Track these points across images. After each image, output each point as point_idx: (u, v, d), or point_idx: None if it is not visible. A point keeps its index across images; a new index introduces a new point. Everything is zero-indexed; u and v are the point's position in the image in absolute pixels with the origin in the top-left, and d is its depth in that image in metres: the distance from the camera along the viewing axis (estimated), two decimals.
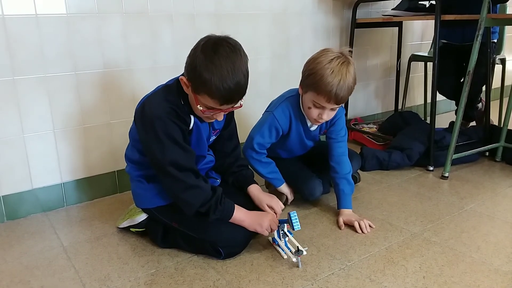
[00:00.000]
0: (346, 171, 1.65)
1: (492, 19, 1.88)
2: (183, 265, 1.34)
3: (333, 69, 1.41)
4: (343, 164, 1.65)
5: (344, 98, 1.44)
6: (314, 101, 1.48)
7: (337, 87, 1.40)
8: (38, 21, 1.60)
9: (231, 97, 1.21)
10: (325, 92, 1.42)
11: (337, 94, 1.41)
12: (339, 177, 1.63)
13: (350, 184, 1.64)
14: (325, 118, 1.50)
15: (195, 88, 1.21)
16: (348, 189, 1.63)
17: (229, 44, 1.20)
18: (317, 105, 1.48)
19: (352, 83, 1.44)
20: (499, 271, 1.26)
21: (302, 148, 1.76)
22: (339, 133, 1.66)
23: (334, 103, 1.45)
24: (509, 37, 2.74)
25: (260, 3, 2.17)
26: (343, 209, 1.61)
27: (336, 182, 1.64)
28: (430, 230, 1.52)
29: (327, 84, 1.41)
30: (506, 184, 1.92)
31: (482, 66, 2.17)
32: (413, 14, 2.28)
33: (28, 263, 1.38)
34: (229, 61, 1.17)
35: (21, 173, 1.69)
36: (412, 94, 3.11)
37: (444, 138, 2.16)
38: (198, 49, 1.19)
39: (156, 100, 1.29)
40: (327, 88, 1.41)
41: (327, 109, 1.48)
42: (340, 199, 1.63)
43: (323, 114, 1.49)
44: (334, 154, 1.66)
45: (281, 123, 1.62)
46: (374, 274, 1.26)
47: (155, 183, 1.40)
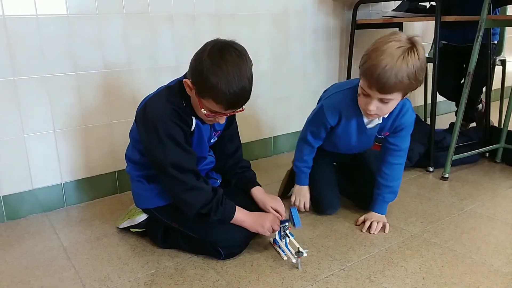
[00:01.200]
0: (395, 181, 1.56)
1: (492, 21, 1.88)
2: (183, 266, 1.34)
3: (385, 51, 1.23)
4: (395, 172, 1.55)
5: (388, 87, 1.24)
6: (361, 87, 1.33)
7: (381, 70, 1.22)
8: (39, 22, 1.61)
9: (236, 103, 1.22)
10: (369, 74, 1.26)
11: (379, 79, 1.23)
12: (385, 184, 1.55)
13: (393, 193, 1.57)
14: (371, 109, 1.31)
15: (200, 92, 1.22)
16: (389, 198, 1.56)
17: (236, 49, 1.20)
18: (363, 91, 1.32)
19: (405, 72, 1.23)
20: (499, 272, 1.26)
21: (347, 146, 1.60)
22: (401, 143, 1.52)
23: (376, 89, 1.26)
24: (509, 38, 2.74)
25: (260, 4, 2.17)
26: (373, 212, 1.56)
27: (379, 187, 1.56)
28: (430, 231, 1.52)
29: (373, 66, 1.24)
30: (506, 185, 1.92)
31: (482, 67, 2.17)
32: (413, 15, 2.28)
33: (28, 263, 1.38)
34: (235, 67, 1.17)
35: (21, 173, 1.69)
36: (412, 95, 3.11)
37: (444, 139, 2.16)
38: (204, 54, 1.19)
39: (158, 101, 1.29)
40: (371, 69, 1.24)
41: (374, 99, 1.30)
42: (376, 203, 1.56)
43: (369, 104, 1.31)
44: (389, 161, 1.54)
45: (329, 117, 1.48)
46: (374, 275, 1.26)
47: (155, 183, 1.40)
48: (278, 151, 2.46)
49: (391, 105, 1.34)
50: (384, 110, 1.35)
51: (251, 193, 1.50)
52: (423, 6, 2.44)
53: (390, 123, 1.49)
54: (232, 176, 1.53)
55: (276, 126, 2.40)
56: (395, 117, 1.47)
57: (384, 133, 1.53)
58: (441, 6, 2.00)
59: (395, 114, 1.46)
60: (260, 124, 2.33)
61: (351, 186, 1.69)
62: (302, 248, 1.31)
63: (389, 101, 1.31)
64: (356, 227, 1.56)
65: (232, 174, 1.53)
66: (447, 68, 2.39)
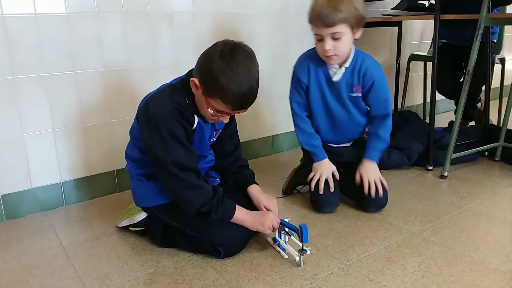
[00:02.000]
0: (383, 131, 1.65)
1: (491, 19, 1.88)
2: (182, 264, 1.34)
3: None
4: (382, 123, 1.65)
5: (331, 20, 1.43)
6: (314, 35, 1.51)
7: (321, 7, 1.43)
8: (38, 20, 1.60)
9: (243, 103, 1.24)
10: (312, 16, 1.47)
11: (321, 14, 1.43)
12: (374, 133, 1.66)
13: (383, 142, 1.66)
14: (327, 48, 1.48)
15: (208, 91, 1.23)
16: (379, 146, 1.66)
17: (245, 51, 1.22)
18: (317, 36, 1.51)
19: (341, 4, 1.43)
20: (498, 271, 1.26)
21: (327, 113, 1.69)
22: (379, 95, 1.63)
23: (322, 25, 1.45)
24: (508, 37, 2.74)
25: (259, 3, 2.17)
26: (365, 159, 1.66)
27: (370, 137, 1.68)
28: (429, 229, 1.52)
29: (314, 7, 1.46)
30: (505, 183, 1.92)
31: (481, 66, 2.17)
32: (412, 13, 2.28)
33: (28, 263, 1.38)
34: (245, 68, 1.19)
35: (21, 173, 1.69)
36: (411, 94, 3.11)
37: (444, 138, 2.16)
38: (215, 54, 1.20)
39: (161, 98, 1.29)
40: (312, 13, 1.46)
41: (326, 38, 1.48)
42: (368, 150, 1.67)
43: (325, 44, 1.48)
44: (373, 115, 1.67)
45: (300, 73, 1.64)
46: (373, 273, 1.26)
47: (155, 181, 1.40)
48: (278, 149, 2.46)
49: (344, 41, 1.49)
50: (339, 47, 1.50)
51: (248, 191, 1.50)
52: (423, 4, 2.44)
53: (356, 74, 1.60)
54: (229, 176, 1.53)
55: (275, 124, 2.40)
56: (358, 69, 1.59)
57: (356, 88, 1.62)
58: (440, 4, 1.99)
59: (357, 65, 1.60)
60: (259, 122, 2.33)
61: (350, 184, 1.69)
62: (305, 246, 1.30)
63: (340, 35, 1.47)
64: (355, 226, 1.56)
65: (230, 174, 1.53)
66: (447, 67, 2.39)
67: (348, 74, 1.60)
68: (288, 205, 1.74)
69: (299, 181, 1.83)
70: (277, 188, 1.89)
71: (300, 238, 1.29)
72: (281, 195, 1.85)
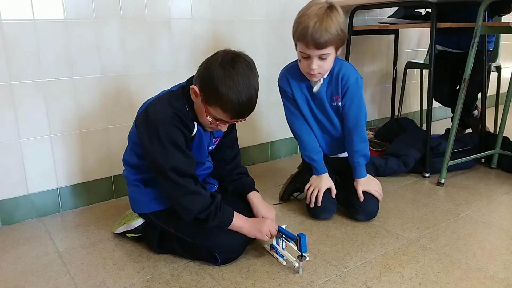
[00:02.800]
0: (360, 143, 1.65)
1: (487, 27, 1.89)
2: (179, 271, 1.33)
3: (309, 14, 1.43)
4: (357, 136, 1.64)
5: (323, 41, 1.42)
6: (299, 52, 1.51)
7: (312, 29, 1.41)
8: (36, 26, 1.61)
9: (242, 112, 1.25)
10: (302, 36, 1.44)
11: (313, 36, 1.41)
12: (354, 149, 1.65)
13: (364, 156, 1.65)
14: (313, 67, 1.48)
15: (208, 99, 1.23)
16: (362, 161, 1.66)
17: (246, 61, 1.24)
18: (303, 54, 1.50)
19: (332, 26, 1.42)
20: (494, 278, 1.26)
21: (317, 124, 1.70)
22: (350, 103, 1.61)
23: (313, 47, 1.44)
24: (504, 45, 2.76)
25: (256, 10, 2.18)
26: (356, 179, 1.66)
27: (350, 154, 1.67)
28: (426, 236, 1.52)
29: (303, 28, 1.43)
30: (501, 191, 1.93)
31: (477, 74, 2.19)
32: (409, 22, 2.29)
33: (23, 269, 1.37)
34: (245, 78, 1.21)
35: (17, 178, 1.68)
36: (408, 101, 3.12)
37: (440, 145, 2.17)
38: (216, 63, 1.21)
39: (161, 104, 1.29)
40: (303, 31, 1.43)
41: (313, 58, 1.47)
42: (355, 170, 1.67)
43: (311, 63, 1.48)
44: (347, 126, 1.65)
45: (282, 84, 1.68)
46: (370, 280, 1.26)
47: (152, 187, 1.40)
48: (275, 156, 2.46)
49: (329, 61, 1.51)
50: (324, 67, 1.51)
51: (248, 198, 1.50)
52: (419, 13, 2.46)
53: (334, 82, 1.60)
54: (229, 183, 1.53)
55: (273, 131, 2.41)
56: (336, 76, 1.59)
57: (335, 98, 1.63)
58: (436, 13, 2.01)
59: (334, 73, 1.59)
60: (257, 129, 2.34)
61: (343, 192, 1.69)
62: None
63: (327, 56, 1.48)
64: (353, 233, 1.56)
65: (229, 181, 1.53)
66: (443, 74, 2.40)
67: (326, 83, 1.62)
68: (285, 211, 1.74)
69: (296, 188, 1.83)
70: (274, 194, 1.89)
71: (299, 247, 1.29)
72: (278, 201, 1.85)
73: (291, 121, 1.72)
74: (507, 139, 2.24)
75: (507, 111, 2.12)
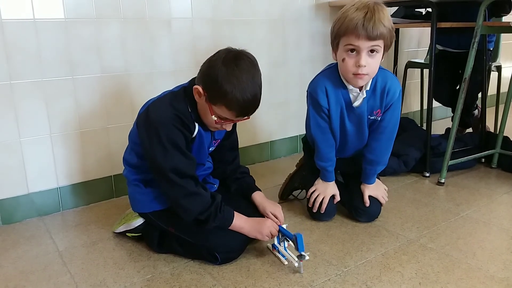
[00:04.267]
0: (385, 155, 1.61)
1: (488, 27, 1.89)
2: (179, 271, 1.33)
3: (358, 6, 1.34)
4: (385, 148, 1.60)
5: (377, 33, 1.32)
6: (345, 47, 1.37)
7: (364, 19, 1.31)
8: (36, 26, 1.61)
9: (247, 110, 1.25)
10: (352, 27, 1.32)
11: (366, 26, 1.31)
12: (375, 160, 1.60)
13: (383, 165, 1.62)
14: (363, 63, 1.35)
15: (212, 98, 1.23)
16: (379, 170, 1.63)
17: (249, 58, 1.24)
18: (350, 47, 1.36)
19: (385, 18, 1.33)
20: (494, 278, 1.26)
21: (341, 136, 1.61)
22: (390, 117, 1.54)
23: (365, 38, 1.32)
24: (504, 45, 2.76)
25: (257, 10, 2.18)
26: (366, 184, 1.64)
27: (370, 162, 1.61)
28: (426, 236, 1.52)
29: (353, 19, 1.32)
30: (502, 190, 1.93)
31: (478, 73, 2.18)
32: (409, 21, 2.29)
33: (24, 268, 1.37)
34: (249, 75, 1.21)
35: (17, 177, 1.69)
36: (408, 101, 3.12)
37: (440, 145, 2.17)
38: (219, 61, 1.21)
39: (162, 105, 1.29)
40: (353, 22, 1.32)
41: (363, 52, 1.35)
42: (368, 176, 1.63)
43: (360, 59, 1.35)
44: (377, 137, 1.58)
45: (319, 97, 1.51)
46: (371, 280, 1.26)
47: (152, 187, 1.40)
48: (275, 156, 2.46)
49: (377, 59, 1.40)
50: (373, 65, 1.39)
51: (252, 197, 1.50)
52: (419, 12, 2.46)
53: (379, 95, 1.51)
54: (233, 181, 1.53)
55: (273, 131, 2.41)
56: (381, 88, 1.50)
57: (376, 112, 1.54)
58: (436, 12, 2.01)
59: (378, 84, 1.50)
60: (257, 129, 2.34)
61: (346, 194, 1.69)
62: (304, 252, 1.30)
63: (377, 50, 1.37)
64: (353, 232, 1.56)
65: (233, 180, 1.53)
66: (443, 74, 2.40)
67: (369, 96, 1.50)
68: (285, 211, 1.74)
69: (295, 187, 1.83)
70: (274, 194, 1.89)
71: (296, 247, 1.29)
72: (278, 201, 1.85)
73: (314, 133, 1.60)
74: (507, 139, 2.23)
75: (508, 110, 2.12)
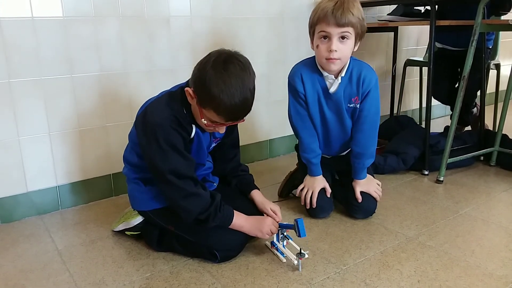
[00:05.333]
0: (370, 147, 1.63)
1: (487, 25, 1.89)
2: (178, 269, 1.33)
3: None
4: (369, 139, 1.62)
5: (345, 20, 1.41)
6: (319, 34, 1.47)
7: (333, 7, 1.41)
8: (34, 24, 1.60)
9: (237, 115, 1.23)
10: (323, 15, 1.43)
11: (335, 13, 1.41)
12: (362, 152, 1.62)
13: (371, 158, 1.64)
14: (333, 48, 1.44)
15: (202, 102, 1.22)
16: (368, 163, 1.64)
17: (240, 61, 1.21)
18: (322, 34, 1.46)
19: (354, 8, 1.42)
20: (493, 275, 1.26)
21: (322, 125, 1.65)
22: (369, 107, 1.58)
23: (334, 25, 1.42)
24: (503, 43, 2.76)
25: (256, 8, 2.17)
26: (357, 180, 1.65)
27: (357, 155, 1.63)
28: (425, 234, 1.52)
29: (324, 8, 1.43)
30: (500, 188, 1.93)
31: (477, 72, 2.19)
32: (408, 19, 2.29)
33: (23, 267, 1.37)
34: (238, 79, 1.18)
35: (16, 176, 1.68)
36: (407, 99, 3.12)
37: (439, 143, 2.17)
38: (208, 64, 1.19)
39: (159, 107, 1.29)
40: (323, 11, 1.43)
41: (334, 38, 1.44)
42: (358, 171, 1.65)
43: (332, 45, 1.44)
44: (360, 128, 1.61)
45: (296, 83, 1.59)
46: (369, 278, 1.26)
47: (152, 185, 1.40)
48: (274, 154, 2.46)
49: (349, 45, 1.48)
50: (344, 50, 1.47)
51: (251, 195, 1.51)
52: (418, 10, 2.46)
53: (355, 83, 1.56)
54: (233, 178, 1.54)
55: (272, 129, 2.41)
56: (357, 76, 1.56)
57: (355, 99, 1.59)
58: (435, 10, 2.01)
59: (354, 73, 1.56)
60: (256, 127, 2.34)
61: (342, 190, 1.69)
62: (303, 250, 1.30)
63: (347, 37, 1.46)
64: (352, 230, 1.56)
65: (233, 176, 1.54)
66: (442, 72, 2.40)
67: (345, 83, 1.56)
68: (284, 209, 1.74)
69: (294, 185, 1.84)
70: (273, 192, 1.89)
71: (298, 233, 1.29)
72: (277, 199, 1.85)
73: (294, 121, 1.66)
74: (506, 137, 2.24)
75: (506, 108, 2.12)
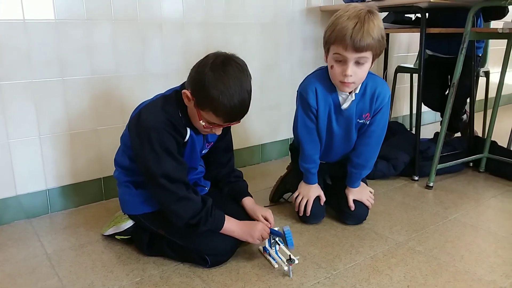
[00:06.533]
0: (371, 160, 1.62)
1: (476, 33, 1.92)
2: (168, 274, 1.33)
3: (349, 15, 1.34)
4: (371, 152, 1.61)
5: (364, 44, 1.32)
6: (334, 55, 1.39)
7: (353, 30, 1.31)
8: (26, 26, 1.60)
9: (235, 116, 1.24)
10: (341, 37, 1.33)
11: (354, 37, 1.31)
12: (361, 164, 1.61)
13: (369, 169, 1.63)
14: (349, 73, 1.37)
15: (200, 103, 1.23)
16: (365, 174, 1.63)
17: (237, 63, 1.22)
18: (338, 57, 1.38)
19: (374, 29, 1.33)
20: (482, 281, 1.28)
21: (327, 138, 1.62)
22: (378, 122, 1.55)
23: (352, 49, 1.33)
24: (492, 50, 2.80)
25: (249, 13, 2.18)
26: (350, 188, 1.65)
27: (356, 166, 1.62)
28: (415, 239, 1.53)
29: (342, 28, 1.33)
30: (489, 194, 1.95)
31: (466, 79, 2.21)
32: (399, 26, 2.31)
33: (11, 271, 1.36)
34: (237, 81, 1.19)
35: (5, 179, 1.67)
36: (398, 105, 3.15)
37: (429, 149, 2.19)
38: (206, 66, 1.20)
39: (154, 110, 1.29)
40: (342, 32, 1.33)
41: (350, 62, 1.37)
42: (354, 180, 1.64)
43: (347, 69, 1.37)
44: (365, 142, 1.60)
45: (309, 97, 1.52)
46: (359, 283, 1.27)
47: (143, 189, 1.39)
48: (266, 159, 2.46)
49: (365, 68, 1.41)
50: (359, 74, 1.41)
51: (242, 202, 1.50)
52: (409, 18, 2.48)
53: (368, 99, 1.52)
54: (226, 184, 1.54)
55: (264, 134, 2.41)
56: (371, 93, 1.52)
57: (366, 115, 1.55)
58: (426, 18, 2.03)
59: (368, 88, 1.51)
60: (248, 131, 2.34)
61: (334, 196, 1.70)
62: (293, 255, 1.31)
63: (364, 62, 1.38)
64: (342, 235, 1.56)
65: (226, 182, 1.54)
66: (432, 79, 2.43)
67: (358, 99, 1.52)
68: (275, 214, 1.74)
69: (286, 189, 1.84)
70: (265, 196, 1.89)
71: (285, 243, 1.30)
72: (269, 203, 1.85)
73: (300, 133, 1.60)
74: (495, 144, 2.26)
75: (495, 115, 2.15)
